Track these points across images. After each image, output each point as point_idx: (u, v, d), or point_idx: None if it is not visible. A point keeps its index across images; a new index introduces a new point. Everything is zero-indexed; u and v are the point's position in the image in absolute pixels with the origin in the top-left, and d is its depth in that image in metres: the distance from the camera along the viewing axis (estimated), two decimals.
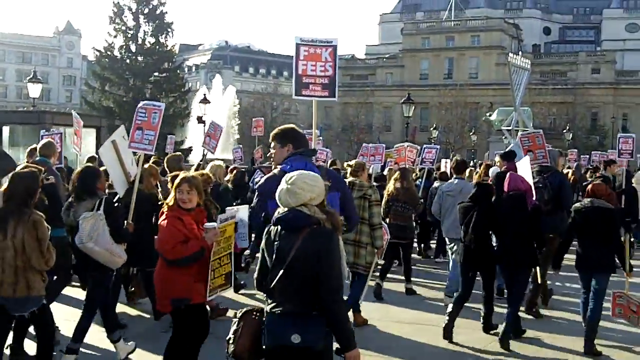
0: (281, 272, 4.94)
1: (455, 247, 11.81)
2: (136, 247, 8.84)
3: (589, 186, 10.07)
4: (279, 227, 5.10)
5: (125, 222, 8.72)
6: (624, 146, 18.69)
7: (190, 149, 48.74)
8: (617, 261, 9.65)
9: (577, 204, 10.11)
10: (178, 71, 70.44)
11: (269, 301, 5.12)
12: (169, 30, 65.25)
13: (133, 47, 64.73)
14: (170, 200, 7.28)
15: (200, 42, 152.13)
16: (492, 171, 12.68)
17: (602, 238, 9.42)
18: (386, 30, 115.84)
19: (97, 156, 14.02)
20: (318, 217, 5.01)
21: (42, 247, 7.08)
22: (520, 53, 62.77)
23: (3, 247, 6.99)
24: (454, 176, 12.85)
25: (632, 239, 11.28)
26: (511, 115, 49.20)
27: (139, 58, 65.05)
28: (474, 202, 10.03)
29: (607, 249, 9.46)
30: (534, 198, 10.05)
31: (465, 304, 10.17)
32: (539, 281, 11.15)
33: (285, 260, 4.94)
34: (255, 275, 5.31)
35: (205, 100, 44.05)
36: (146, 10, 64.30)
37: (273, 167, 7.19)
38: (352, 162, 11.47)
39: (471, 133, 72.69)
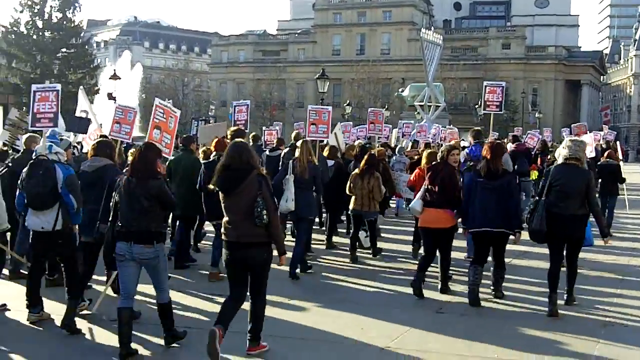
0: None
1: None
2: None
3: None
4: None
5: None
6: None
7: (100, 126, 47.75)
8: None
9: None
10: (86, 47, 69.13)
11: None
12: (76, 5, 64.01)
13: (40, 23, 63.25)
14: None
15: (108, 17, 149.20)
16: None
17: None
18: (298, 5, 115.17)
19: None
20: None
21: None
22: (432, 29, 63.31)
23: None
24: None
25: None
26: (423, 91, 49.61)
27: (46, 34, 63.61)
28: None
29: None
30: None
31: None
32: None
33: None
34: None
35: (115, 77, 43.15)
36: None
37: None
38: None
39: (384, 109, 73.17)
